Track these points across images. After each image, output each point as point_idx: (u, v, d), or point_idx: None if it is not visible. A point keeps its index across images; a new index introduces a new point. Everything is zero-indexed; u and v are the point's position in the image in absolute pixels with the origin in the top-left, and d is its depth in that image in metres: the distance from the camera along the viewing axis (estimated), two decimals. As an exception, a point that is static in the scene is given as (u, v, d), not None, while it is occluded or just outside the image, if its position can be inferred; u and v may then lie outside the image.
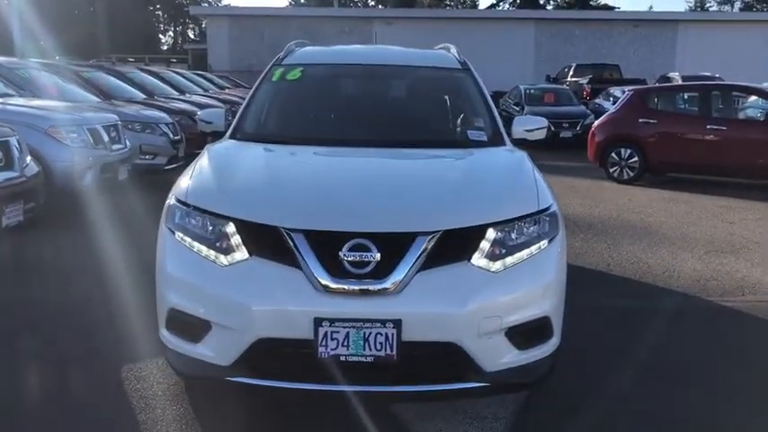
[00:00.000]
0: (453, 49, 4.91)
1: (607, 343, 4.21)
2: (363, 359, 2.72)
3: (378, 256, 2.74)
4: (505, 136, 4.09)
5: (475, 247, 2.87)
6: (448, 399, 3.09)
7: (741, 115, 11.44)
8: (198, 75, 19.60)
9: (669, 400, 3.51)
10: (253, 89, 4.35)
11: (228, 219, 2.92)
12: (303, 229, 2.79)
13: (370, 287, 2.72)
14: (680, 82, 19.12)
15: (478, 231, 2.89)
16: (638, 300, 5.14)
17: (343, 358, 2.72)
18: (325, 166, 3.60)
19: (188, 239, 2.97)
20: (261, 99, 4.30)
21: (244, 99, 4.53)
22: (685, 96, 12.19)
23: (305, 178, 3.37)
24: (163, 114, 10.01)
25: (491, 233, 2.89)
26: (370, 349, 2.72)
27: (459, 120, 4.30)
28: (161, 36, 62.79)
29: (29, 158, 5.65)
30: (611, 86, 20.09)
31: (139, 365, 3.69)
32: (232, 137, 3.98)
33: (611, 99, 18.50)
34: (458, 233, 2.85)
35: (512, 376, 2.89)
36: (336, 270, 2.73)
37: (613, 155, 11.33)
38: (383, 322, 2.70)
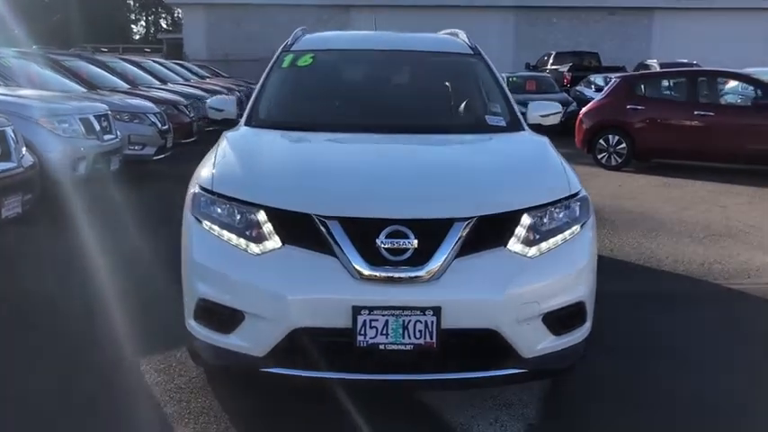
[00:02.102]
0: (463, 35, 4.85)
1: (627, 328, 4.22)
2: (403, 347, 2.69)
3: (415, 242, 2.70)
4: (523, 121, 4.06)
5: (510, 233, 2.84)
6: (486, 386, 3.06)
7: (728, 101, 11.57)
8: (177, 64, 19.30)
9: (699, 384, 3.54)
10: (264, 76, 4.25)
11: (259, 207, 2.85)
12: (339, 216, 2.74)
13: (409, 274, 2.68)
14: (658, 69, 19.31)
15: (513, 217, 2.86)
16: (646, 284, 5.17)
17: (382, 347, 2.68)
18: (354, 153, 3.54)
19: (216, 228, 2.90)
20: (274, 86, 4.21)
21: (225, 88, 4.46)
22: (672, 83, 12.30)
23: (335, 165, 3.30)
24: (150, 104, 9.83)
25: (526, 219, 2.87)
26: (410, 337, 2.68)
27: (476, 105, 4.27)
28: (132, 26, 61.78)
29: (24, 149, 5.49)
30: (592, 74, 20.24)
31: (158, 357, 3.61)
32: (247, 124, 3.90)
33: (593, 86, 18.66)
34: (493, 219, 2.82)
35: (548, 362, 2.87)
36: (373, 257, 2.69)
37: (601, 141, 11.39)
38: (423, 310, 2.66)
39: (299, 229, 2.77)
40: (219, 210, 2.94)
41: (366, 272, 2.67)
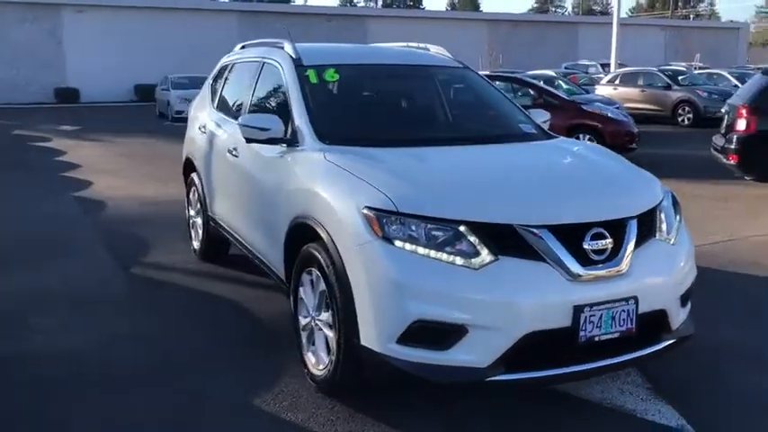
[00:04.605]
0: (441, 49, 5.05)
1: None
2: (612, 336, 2.94)
3: (610, 241, 2.98)
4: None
5: (655, 226, 3.26)
6: (653, 359, 3.40)
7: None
8: None
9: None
10: (298, 93, 3.93)
11: (460, 222, 2.86)
12: (548, 224, 2.88)
13: (612, 270, 2.94)
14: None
15: (654, 211, 3.29)
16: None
17: (597, 339, 2.90)
18: (485, 165, 3.58)
19: (419, 247, 2.83)
20: (317, 102, 3.93)
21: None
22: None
23: (491, 176, 3.34)
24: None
25: (659, 212, 3.32)
26: (617, 326, 2.90)
27: (501, 114, 4.40)
28: None
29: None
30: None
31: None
32: (323, 141, 3.66)
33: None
34: (646, 215, 3.21)
35: (684, 330, 3.31)
36: (582, 259, 2.90)
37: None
38: (626, 300, 2.92)
39: (507, 240, 2.82)
40: (413, 229, 2.87)
41: (581, 273, 2.84)
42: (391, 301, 2.82)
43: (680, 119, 18.20)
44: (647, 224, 3.17)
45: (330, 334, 3.19)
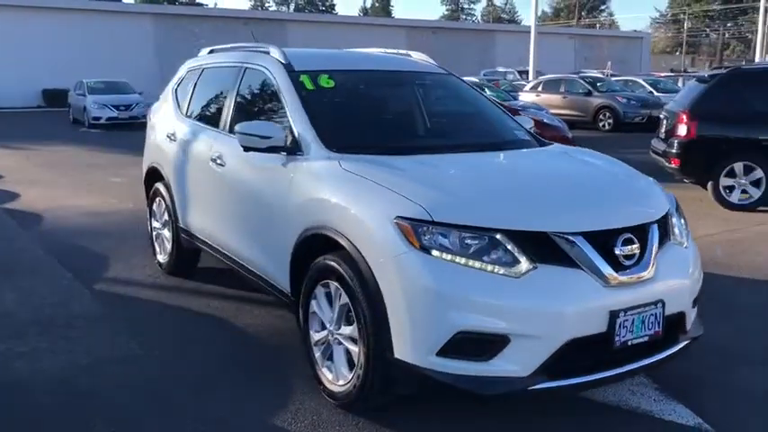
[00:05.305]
0: (423, 55, 5.00)
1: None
2: (641, 339, 2.98)
3: (638, 246, 3.02)
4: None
5: (669, 231, 3.34)
6: (672, 360, 3.45)
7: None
8: None
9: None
10: (296, 100, 3.78)
11: (497, 230, 2.83)
12: (583, 231, 2.89)
13: (642, 274, 2.98)
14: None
15: (667, 216, 3.37)
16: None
17: (629, 343, 2.93)
18: (504, 172, 3.54)
19: (457, 257, 2.77)
20: (315, 109, 3.77)
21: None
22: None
23: (516, 184, 3.29)
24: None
25: (670, 217, 3.40)
26: (646, 329, 2.95)
27: (496, 120, 4.40)
28: None
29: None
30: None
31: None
32: (329, 148, 3.53)
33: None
34: (663, 219, 3.28)
35: (695, 330, 3.40)
36: (615, 265, 2.92)
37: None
38: (655, 304, 2.98)
39: (542, 248, 2.84)
40: (450, 238, 2.81)
41: (616, 278, 2.87)
42: (432, 312, 2.75)
43: (600, 124, 18.97)
44: (664, 228, 3.25)
45: (354, 348, 3.09)
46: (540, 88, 20.25)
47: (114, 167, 11.74)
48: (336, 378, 3.24)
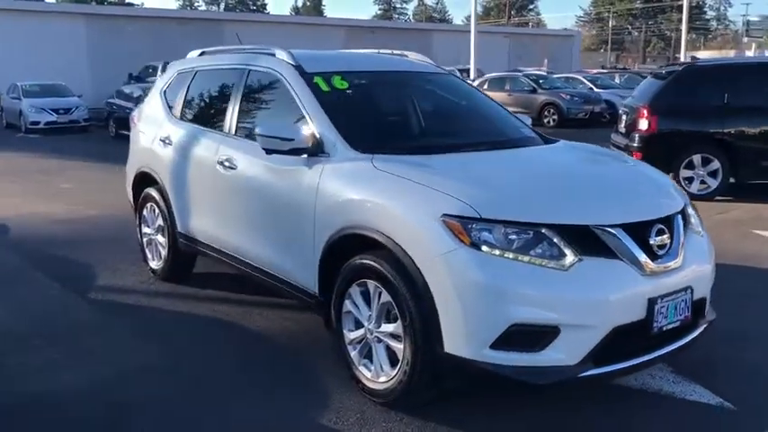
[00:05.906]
0: (420, 56, 5.04)
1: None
2: (674, 325, 3.14)
3: (668, 236, 3.18)
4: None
5: (688, 220, 3.51)
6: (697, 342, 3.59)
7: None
8: None
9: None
10: (314, 102, 3.79)
11: (542, 225, 2.92)
12: (621, 223, 3.02)
13: (673, 262, 3.14)
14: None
15: (686, 207, 3.54)
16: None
17: (664, 328, 3.09)
18: (535, 168, 3.61)
19: (507, 252, 2.85)
20: (334, 110, 3.77)
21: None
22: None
23: (551, 179, 3.39)
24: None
25: (688, 208, 3.58)
26: (677, 315, 3.13)
27: (503, 118, 4.49)
28: None
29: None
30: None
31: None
32: (355, 149, 3.54)
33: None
34: (683, 210, 3.45)
35: (710, 316, 3.56)
36: (651, 254, 3.07)
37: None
38: (685, 290, 3.15)
39: (584, 240, 2.96)
40: (498, 233, 2.90)
41: (653, 267, 3.01)
42: (486, 306, 2.83)
43: (545, 120, 19.49)
44: (685, 218, 3.42)
45: (398, 345, 3.14)
46: (485, 86, 20.62)
47: (62, 173, 11.41)
48: (377, 375, 3.27)
